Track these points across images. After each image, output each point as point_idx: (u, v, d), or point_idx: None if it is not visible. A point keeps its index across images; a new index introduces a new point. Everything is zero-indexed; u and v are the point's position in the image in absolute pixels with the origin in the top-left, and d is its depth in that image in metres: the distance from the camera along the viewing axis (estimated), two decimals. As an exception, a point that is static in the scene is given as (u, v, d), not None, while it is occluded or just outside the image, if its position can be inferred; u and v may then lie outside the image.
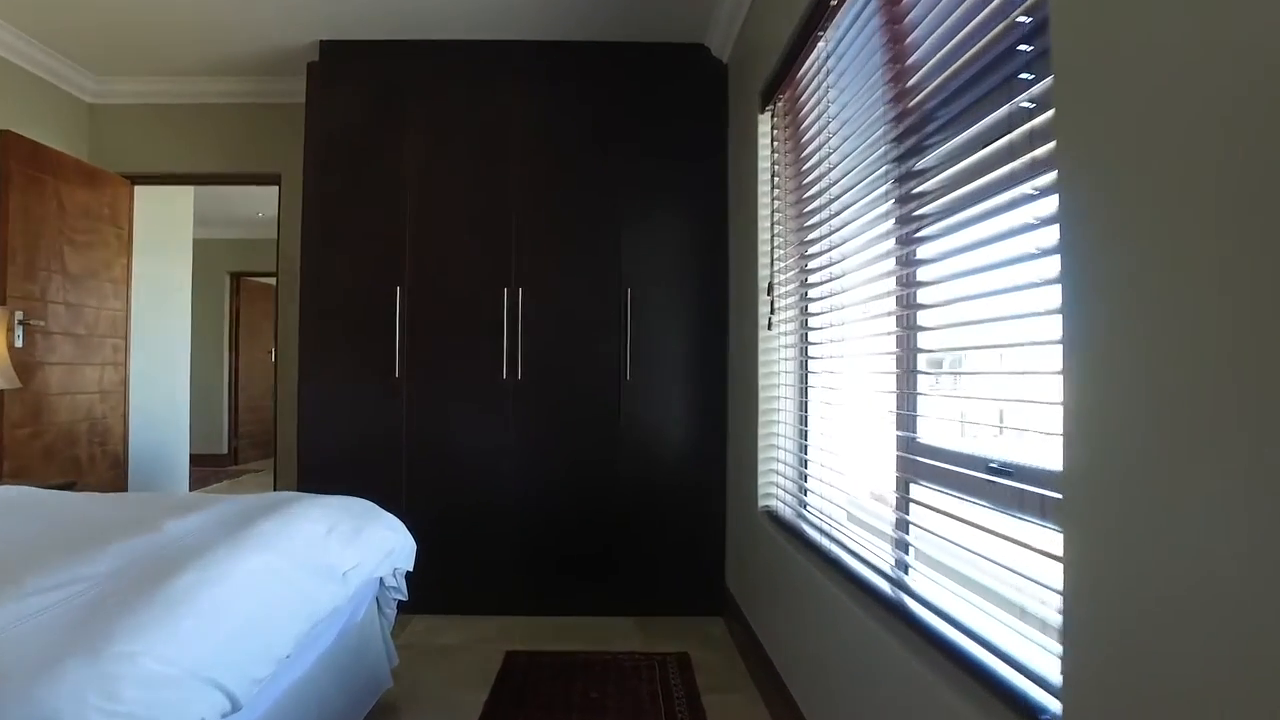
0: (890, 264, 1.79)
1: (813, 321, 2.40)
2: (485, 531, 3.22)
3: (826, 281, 2.19)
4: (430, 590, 3.16)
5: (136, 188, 3.99)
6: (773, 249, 2.70)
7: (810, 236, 2.34)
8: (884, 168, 1.76)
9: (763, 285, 2.72)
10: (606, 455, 3.23)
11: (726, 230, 3.27)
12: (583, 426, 3.24)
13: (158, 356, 4.49)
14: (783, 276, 2.63)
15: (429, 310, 3.25)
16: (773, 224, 2.70)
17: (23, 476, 3.18)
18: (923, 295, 1.65)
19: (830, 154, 2.11)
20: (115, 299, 3.82)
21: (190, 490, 4.94)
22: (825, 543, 2.08)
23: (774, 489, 2.68)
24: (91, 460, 3.63)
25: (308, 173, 3.27)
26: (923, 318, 1.70)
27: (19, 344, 3.16)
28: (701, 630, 3.10)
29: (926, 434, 1.68)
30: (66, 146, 3.71)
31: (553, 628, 3.09)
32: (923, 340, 1.70)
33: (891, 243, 1.77)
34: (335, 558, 1.77)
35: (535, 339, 3.25)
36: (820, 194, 2.23)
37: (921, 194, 1.59)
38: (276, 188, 3.88)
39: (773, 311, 2.65)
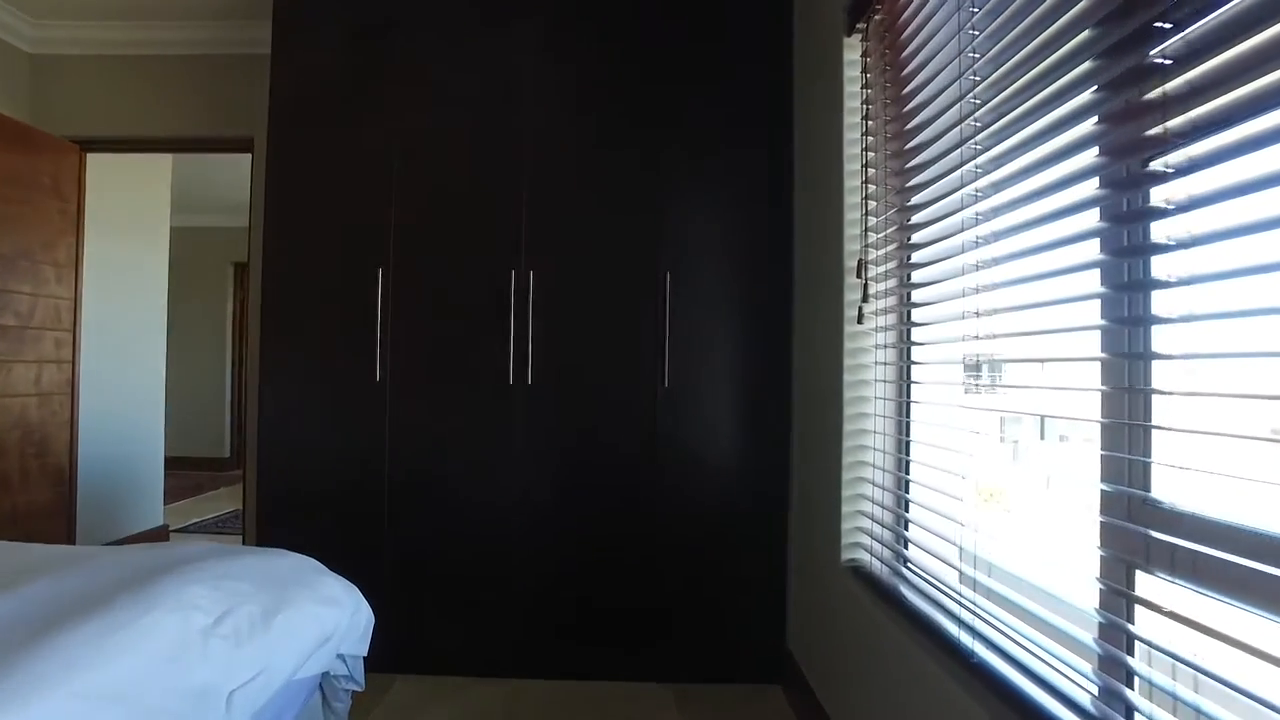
0: (1091, 218, 1.11)
1: (922, 314, 1.72)
2: (487, 574, 2.57)
3: (957, 254, 1.50)
4: (417, 646, 2.53)
5: (89, 155, 3.40)
6: (864, 217, 2.01)
7: (921, 199, 1.65)
8: (1086, 63, 1.07)
9: (849, 264, 2.03)
10: (638, 480, 2.56)
11: (792, 196, 2.58)
12: (608, 443, 2.58)
13: (123, 353, 3.92)
14: (878, 253, 1.94)
15: (418, 298, 2.61)
16: (864, 183, 2.01)
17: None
18: (1162, 266, 0.98)
19: (969, 72, 1.42)
20: (59, 284, 3.24)
21: (166, 504, 4.37)
22: (941, 619, 1.43)
23: (860, 535, 2.00)
24: (25, 476, 3.06)
25: (273, 133, 2.64)
26: (1163, 301, 1.04)
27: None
28: (755, 702, 2.43)
29: (1171, 492, 1.02)
30: (2, 105, 3.14)
31: (570, 697, 2.44)
32: (1160, 338, 1.04)
33: (1094, 186, 1.09)
34: (214, 672, 1.13)
35: (550, 334, 2.59)
36: (942, 134, 1.54)
37: (1162, 102, 0.90)
38: (249, 155, 3.27)
39: (865, 299, 1.96)
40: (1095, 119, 1.08)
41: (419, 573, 2.57)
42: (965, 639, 1.35)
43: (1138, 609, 1.04)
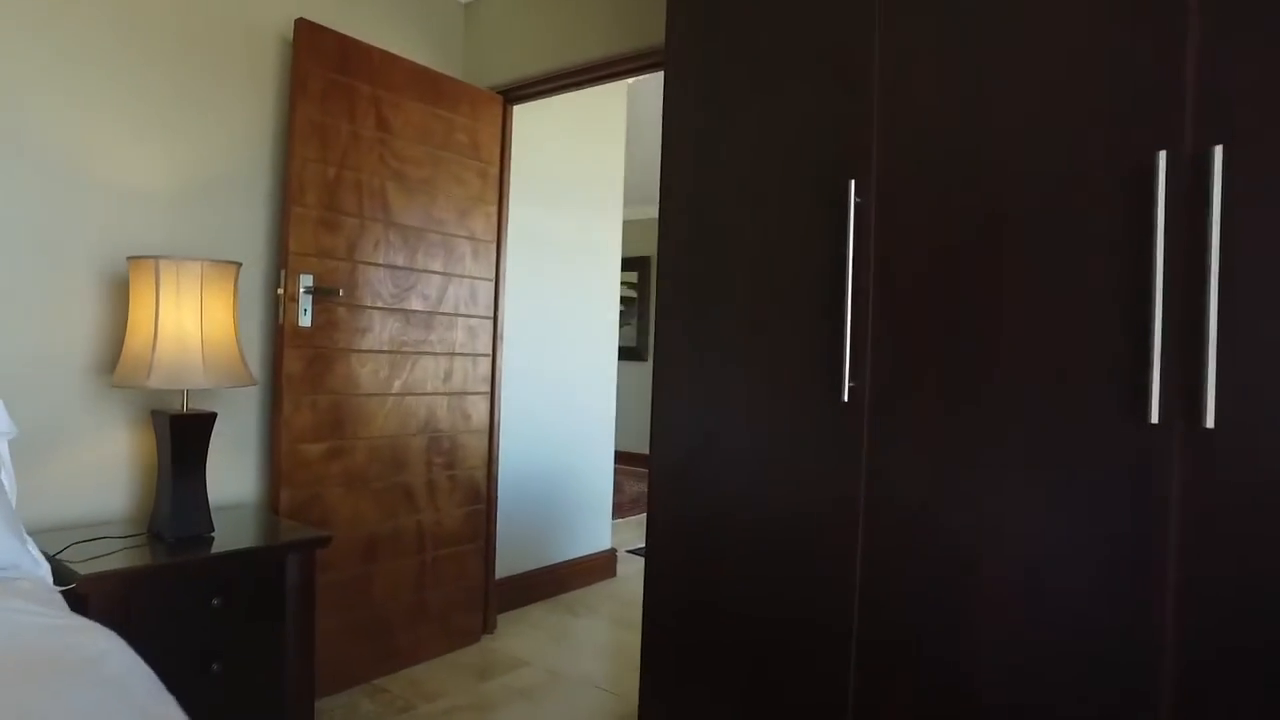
0: None
1: None
2: None
3: None
4: None
5: (515, 109, 2.84)
6: None
7: None
8: None
9: None
10: None
11: None
12: None
13: (561, 345, 3.38)
14: None
15: (926, 254, 1.23)
16: None
17: (309, 515, 2.19)
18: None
19: None
20: (475, 262, 2.71)
21: (619, 518, 3.79)
22: None
23: None
24: (431, 491, 2.57)
25: (678, 31, 1.55)
26: None
27: (305, 321, 2.16)
28: None
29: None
30: (435, 60, 2.73)
31: None
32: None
33: None
34: None
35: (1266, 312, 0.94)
36: None
37: None
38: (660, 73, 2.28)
39: None
40: None
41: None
42: None
43: None
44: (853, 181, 1.37)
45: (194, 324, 1.74)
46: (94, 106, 1.92)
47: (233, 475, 2.19)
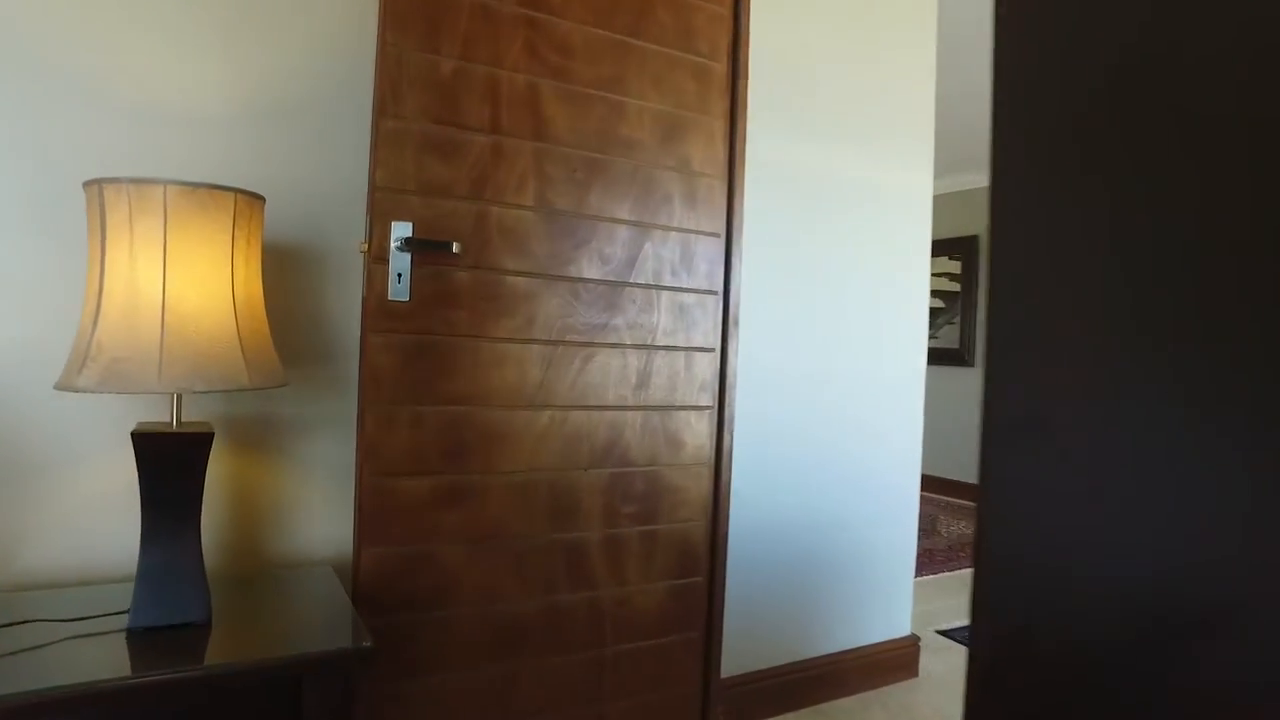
0: None
1: None
2: None
3: None
4: None
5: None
6: None
7: None
8: None
9: None
10: None
11: None
12: None
13: (855, 344, 2.29)
14: None
15: None
16: None
17: (411, 586, 1.44)
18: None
19: None
20: (689, 208, 1.78)
21: (921, 576, 2.58)
22: None
23: None
24: (614, 554, 1.69)
25: None
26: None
27: (399, 291, 1.41)
28: None
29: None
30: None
31: None
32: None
33: None
34: None
35: None
36: None
37: None
38: None
39: None
40: None
41: None
42: None
43: None
44: None
45: (153, 286, 1.06)
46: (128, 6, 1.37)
47: (317, 516, 1.54)
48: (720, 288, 1.84)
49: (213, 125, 1.44)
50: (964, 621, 2.97)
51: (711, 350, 1.83)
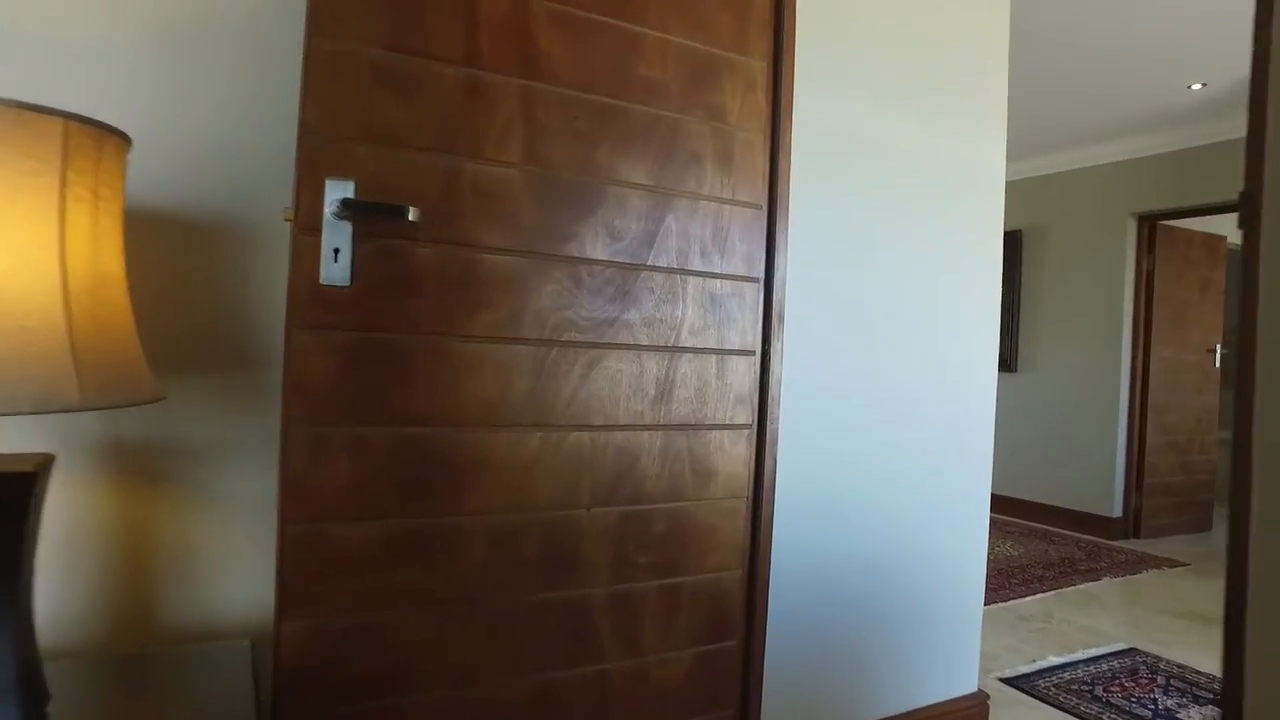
0: None
1: None
2: None
3: None
4: None
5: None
6: None
7: None
8: None
9: None
10: None
11: None
12: None
13: (916, 350, 1.90)
14: None
15: None
16: None
17: (352, 667, 1.07)
18: None
19: None
20: (723, 171, 1.40)
21: (991, 602, 2.18)
22: None
23: None
24: (627, 615, 1.31)
25: None
26: None
27: (335, 273, 1.04)
28: None
29: None
30: None
31: None
32: None
33: None
34: None
35: None
36: None
37: None
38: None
39: None
40: None
41: None
42: None
43: None
44: None
45: (-77, 254, 0.70)
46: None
47: (236, 572, 1.17)
48: (761, 274, 1.46)
49: (96, 56, 1.08)
50: (1029, 666, 2.56)
51: (751, 353, 1.44)
